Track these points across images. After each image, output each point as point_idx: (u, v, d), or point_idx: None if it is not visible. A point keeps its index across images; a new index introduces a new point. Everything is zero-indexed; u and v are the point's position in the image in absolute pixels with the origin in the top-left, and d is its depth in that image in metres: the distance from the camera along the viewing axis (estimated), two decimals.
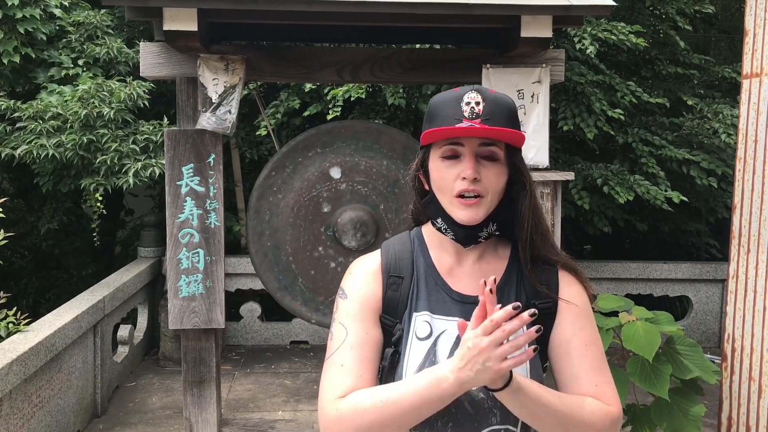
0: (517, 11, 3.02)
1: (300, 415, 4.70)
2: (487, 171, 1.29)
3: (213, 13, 3.05)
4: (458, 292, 1.36)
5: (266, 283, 3.63)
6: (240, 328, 6.30)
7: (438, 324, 1.34)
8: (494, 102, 1.30)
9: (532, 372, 1.30)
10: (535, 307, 1.27)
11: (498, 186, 1.31)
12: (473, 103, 1.29)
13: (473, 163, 1.28)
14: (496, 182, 1.31)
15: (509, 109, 1.32)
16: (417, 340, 1.33)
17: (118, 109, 5.05)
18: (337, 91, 5.53)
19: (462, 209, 1.30)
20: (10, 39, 5.13)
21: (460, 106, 1.29)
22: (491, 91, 1.32)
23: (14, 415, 3.45)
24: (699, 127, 6.09)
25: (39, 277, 6.88)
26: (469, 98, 1.29)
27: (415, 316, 1.36)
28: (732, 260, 3.69)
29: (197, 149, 3.34)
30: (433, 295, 1.37)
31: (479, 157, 1.30)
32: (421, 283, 1.38)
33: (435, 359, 1.31)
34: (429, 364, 1.30)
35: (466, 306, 1.33)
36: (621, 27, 5.47)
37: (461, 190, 1.29)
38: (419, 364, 1.31)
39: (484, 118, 1.28)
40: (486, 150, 1.30)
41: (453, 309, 1.35)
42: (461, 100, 1.29)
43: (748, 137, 3.59)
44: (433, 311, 1.35)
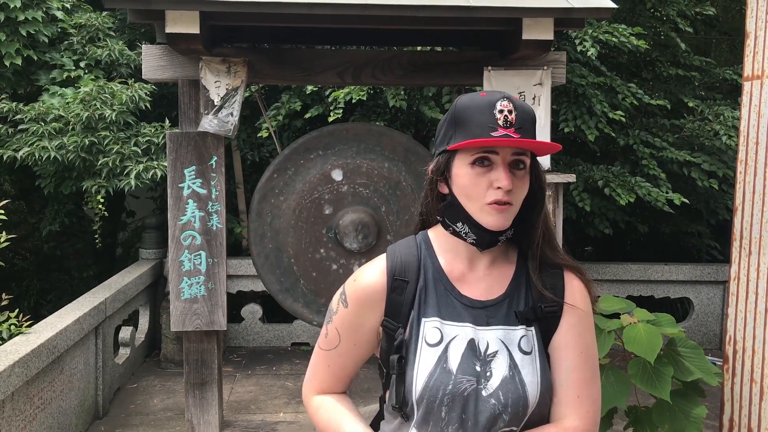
0: (518, 14, 3.02)
1: (301, 417, 4.70)
2: (517, 180, 1.31)
3: (215, 15, 3.06)
4: (468, 297, 1.36)
5: (268, 285, 3.64)
6: (241, 330, 6.30)
7: (449, 330, 1.33)
8: (523, 111, 1.31)
9: (543, 379, 1.32)
10: (541, 311, 1.32)
11: (523, 194, 1.34)
12: (506, 111, 1.29)
13: (508, 173, 1.30)
14: (523, 191, 1.33)
15: (534, 118, 1.34)
16: (427, 346, 1.33)
17: (119, 111, 5.06)
18: (339, 93, 5.53)
19: (494, 215, 1.30)
20: (12, 41, 5.14)
21: (493, 113, 1.29)
22: (517, 98, 1.34)
23: (16, 417, 3.45)
24: (700, 128, 6.09)
25: (40, 278, 6.89)
26: (502, 106, 1.29)
27: (424, 321, 1.35)
28: (733, 262, 3.69)
29: (199, 152, 3.34)
30: (443, 300, 1.36)
31: (510, 165, 1.31)
32: (429, 289, 1.37)
33: (446, 365, 1.31)
34: (440, 370, 1.31)
35: (476, 311, 1.35)
36: (622, 29, 5.47)
37: (496, 200, 1.30)
38: (430, 370, 1.31)
39: (518, 127, 1.29)
40: (517, 159, 1.31)
41: (463, 314, 1.34)
42: (494, 108, 1.29)
43: (749, 139, 3.60)
44: (443, 317, 1.35)
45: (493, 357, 1.31)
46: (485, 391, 1.29)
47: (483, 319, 1.34)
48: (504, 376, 1.29)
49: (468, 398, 1.29)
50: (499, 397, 1.28)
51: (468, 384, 1.29)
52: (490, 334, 1.32)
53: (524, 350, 1.31)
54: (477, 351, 1.31)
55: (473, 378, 1.29)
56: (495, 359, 1.30)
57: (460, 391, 1.29)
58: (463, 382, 1.29)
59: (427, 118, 5.85)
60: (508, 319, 1.34)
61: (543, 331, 1.34)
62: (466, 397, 1.29)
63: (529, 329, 1.33)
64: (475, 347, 1.32)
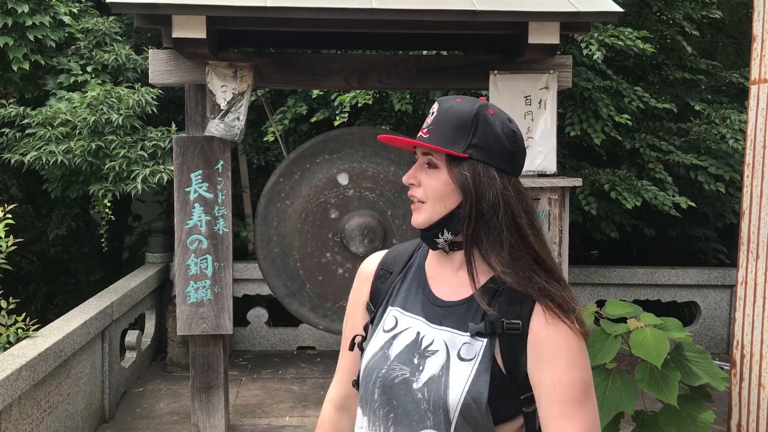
0: (524, 18, 3.02)
1: (307, 421, 4.70)
2: (427, 178, 1.33)
3: (221, 20, 3.07)
4: (434, 295, 1.39)
5: (274, 289, 3.64)
6: (247, 334, 6.30)
7: (404, 320, 1.38)
8: (444, 113, 1.33)
9: (472, 389, 1.27)
10: (502, 326, 1.28)
11: (435, 193, 1.32)
12: (431, 113, 1.36)
13: (413, 170, 1.36)
14: (434, 189, 1.32)
15: (456, 119, 1.32)
16: (382, 331, 1.40)
17: (126, 116, 5.07)
18: (345, 97, 5.54)
19: (413, 213, 1.37)
20: (20, 46, 5.16)
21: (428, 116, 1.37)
22: (457, 101, 1.35)
23: (23, 421, 3.46)
24: (706, 132, 6.08)
25: (47, 282, 6.91)
26: (432, 108, 1.36)
27: (389, 309, 1.42)
28: (740, 266, 3.68)
29: (206, 156, 3.35)
30: (411, 293, 1.41)
31: (425, 165, 1.35)
32: (406, 281, 1.44)
33: (387, 352, 1.36)
34: (381, 354, 1.36)
35: (435, 309, 1.37)
36: (628, 32, 5.47)
37: (408, 194, 1.37)
38: (373, 353, 1.38)
39: (429, 128, 1.34)
40: (426, 159, 1.34)
41: (422, 309, 1.38)
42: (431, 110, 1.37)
43: (756, 143, 3.58)
44: (404, 308, 1.40)
45: (431, 354, 1.32)
46: (416, 383, 1.31)
47: (437, 318, 1.35)
48: (433, 375, 1.29)
49: (398, 386, 1.32)
50: (425, 393, 1.29)
51: (400, 372, 1.32)
52: (438, 334, 1.33)
53: (462, 357, 1.29)
54: (419, 345, 1.34)
55: (406, 368, 1.32)
56: (432, 357, 1.31)
57: (391, 377, 1.33)
58: (396, 370, 1.33)
59: None
60: (458, 324, 1.32)
61: (505, 347, 1.29)
62: (397, 384, 1.32)
63: (479, 339, 1.29)
64: (418, 341, 1.34)
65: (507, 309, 1.30)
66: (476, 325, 1.29)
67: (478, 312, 1.31)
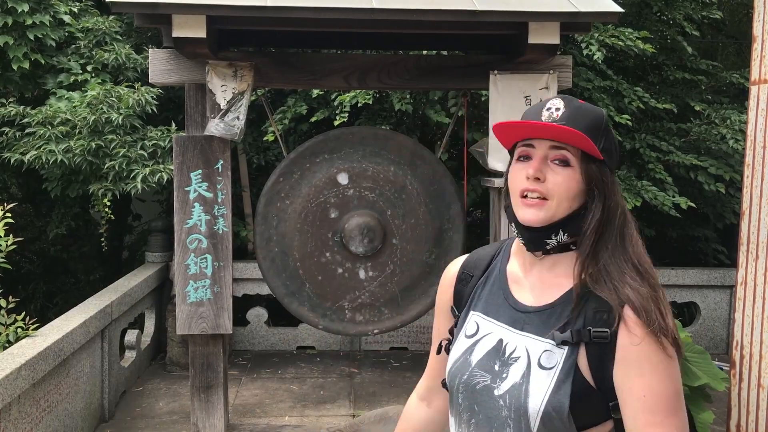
0: (524, 18, 3.02)
1: (307, 421, 4.70)
2: (555, 175, 1.26)
3: (221, 20, 3.07)
4: (516, 300, 1.36)
5: (274, 288, 3.64)
6: (247, 333, 6.30)
7: (485, 325, 1.37)
8: (578, 110, 1.27)
9: (552, 399, 1.24)
10: (589, 335, 1.24)
11: (566, 192, 1.26)
12: (554, 108, 1.27)
13: (538, 163, 1.27)
14: (563, 187, 1.26)
15: (593, 119, 1.28)
16: (464, 337, 1.39)
17: (126, 115, 5.08)
18: (345, 96, 5.54)
19: (524, 209, 1.28)
20: (20, 45, 5.16)
21: (541, 111, 1.28)
22: (581, 102, 1.30)
23: (23, 420, 3.46)
24: (707, 132, 6.08)
25: (47, 281, 6.91)
26: (551, 104, 1.28)
27: (471, 314, 1.41)
28: (740, 267, 3.68)
29: (205, 155, 3.35)
30: (493, 298, 1.39)
31: (551, 161, 1.27)
32: (487, 285, 1.42)
33: (469, 358, 1.35)
34: (463, 360, 1.36)
35: (517, 314, 1.34)
36: (628, 33, 5.47)
37: (523, 189, 1.28)
38: (456, 358, 1.38)
39: (561, 122, 1.24)
40: (557, 154, 1.27)
41: (504, 315, 1.36)
42: (544, 106, 1.29)
43: (756, 143, 3.58)
44: (486, 312, 1.38)
45: (514, 361, 1.29)
46: (497, 390, 1.29)
47: (519, 324, 1.32)
48: (515, 382, 1.27)
49: (480, 392, 1.31)
50: (506, 400, 1.27)
51: (481, 379, 1.31)
52: (520, 340, 1.31)
53: (542, 365, 1.26)
54: (501, 351, 1.32)
55: (488, 375, 1.31)
56: (515, 364, 1.29)
57: (473, 383, 1.32)
58: (477, 376, 1.32)
59: (433, 122, 5.85)
60: (539, 330, 1.29)
61: (593, 355, 1.24)
62: (479, 390, 1.31)
63: (560, 347, 1.25)
64: (501, 347, 1.32)
65: (594, 316, 1.25)
66: (561, 334, 1.25)
67: (560, 318, 1.28)
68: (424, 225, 3.58)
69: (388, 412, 3.68)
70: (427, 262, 3.62)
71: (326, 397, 5.16)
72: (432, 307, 3.75)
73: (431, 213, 3.59)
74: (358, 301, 3.60)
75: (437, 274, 3.66)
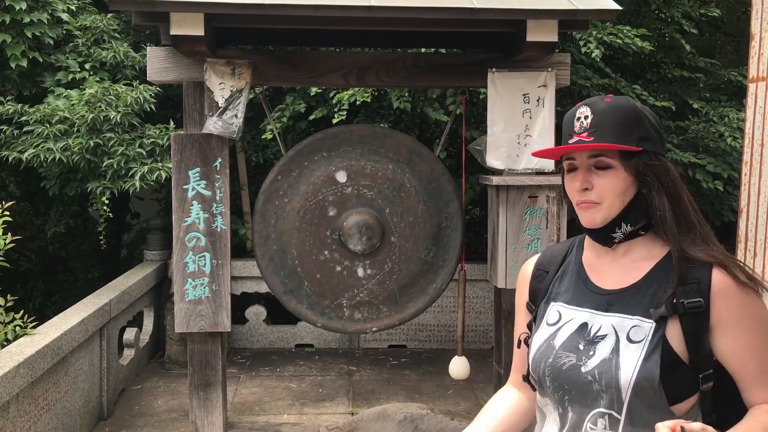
0: (522, 16, 3.02)
1: (305, 419, 4.70)
2: (599, 179, 1.40)
3: (219, 17, 3.07)
4: (596, 285, 1.47)
5: (272, 286, 3.64)
6: (245, 331, 6.31)
7: (567, 313, 1.48)
8: (604, 113, 1.39)
9: (642, 368, 1.33)
10: (683, 306, 1.33)
11: (613, 191, 1.40)
12: (582, 117, 1.41)
13: (583, 175, 1.41)
14: (609, 189, 1.40)
15: (625, 115, 1.39)
16: (546, 325, 1.50)
17: (124, 113, 5.07)
18: (343, 94, 5.54)
19: (582, 214, 1.43)
20: (18, 43, 5.15)
21: (573, 122, 1.43)
22: (606, 101, 1.41)
23: (21, 418, 3.46)
24: (705, 130, 6.08)
25: (45, 280, 6.90)
26: (579, 113, 1.42)
27: (552, 305, 1.52)
28: None
29: (204, 153, 3.35)
30: (573, 287, 1.51)
31: (593, 168, 1.41)
32: (565, 278, 1.53)
33: (553, 342, 1.45)
34: (546, 345, 1.46)
35: (600, 297, 1.44)
36: (626, 30, 5.47)
37: (578, 201, 1.43)
38: (538, 345, 1.48)
39: (591, 131, 1.39)
40: (596, 161, 1.40)
41: (586, 300, 1.46)
42: (574, 116, 1.43)
43: (754, 141, 3.59)
44: (568, 302, 1.49)
45: (601, 339, 1.39)
46: (584, 367, 1.38)
47: (603, 306, 1.43)
48: (604, 358, 1.37)
49: (568, 372, 1.40)
50: (595, 375, 1.37)
51: (567, 360, 1.41)
52: (606, 320, 1.41)
53: (632, 339, 1.36)
54: (586, 332, 1.42)
55: (572, 355, 1.41)
56: (602, 341, 1.39)
57: (559, 365, 1.42)
58: (563, 358, 1.42)
59: (431, 120, 5.85)
60: (626, 308, 1.39)
61: (687, 326, 1.34)
62: (566, 371, 1.41)
63: (647, 321, 1.36)
64: (586, 329, 1.43)
65: (684, 288, 1.35)
66: (657, 309, 1.34)
67: (645, 295, 1.39)
68: (422, 223, 3.58)
69: (386, 409, 3.69)
70: (425, 260, 3.63)
71: (325, 395, 5.17)
72: (430, 305, 3.76)
73: (429, 211, 3.59)
74: (357, 299, 3.61)
75: (435, 271, 3.67)
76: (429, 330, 6.26)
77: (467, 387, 5.25)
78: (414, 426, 3.60)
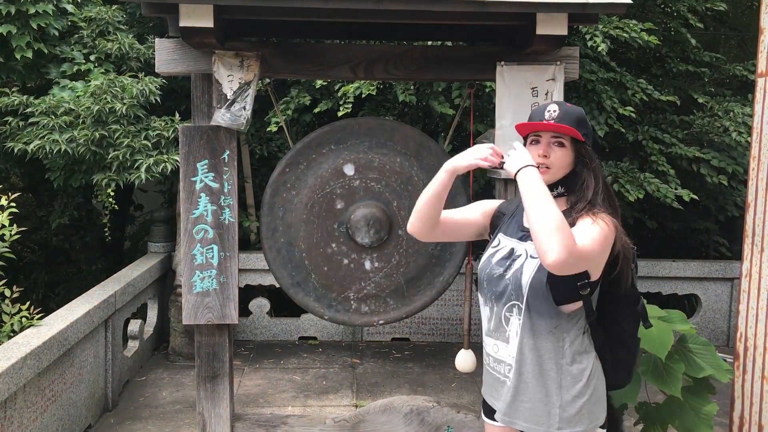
0: (532, 9, 3.00)
1: (310, 411, 4.72)
2: (555, 152, 2.09)
3: (229, 9, 3.05)
4: (523, 225, 2.18)
5: (279, 279, 3.64)
6: (249, 324, 6.32)
7: (504, 240, 2.22)
8: (566, 111, 2.09)
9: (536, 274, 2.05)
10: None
11: (562, 162, 2.09)
12: (552, 110, 2.09)
13: (544, 147, 2.09)
14: (561, 159, 2.09)
15: (577, 116, 2.09)
16: (491, 247, 2.24)
17: (130, 105, 5.06)
18: (348, 87, 5.52)
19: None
20: (23, 34, 5.14)
21: (543, 112, 2.10)
22: (567, 105, 2.11)
23: (28, 409, 3.47)
24: (709, 125, 6.08)
25: (49, 271, 6.91)
26: (550, 108, 2.10)
27: (498, 234, 2.25)
28: (745, 259, 3.69)
29: (212, 145, 3.34)
30: (512, 224, 2.23)
31: (551, 143, 2.09)
32: (513, 220, 2.24)
33: (491, 259, 2.19)
34: (486, 259, 2.22)
35: (521, 232, 2.18)
36: (633, 24, 5.46)
37: (537, 163, 2.05)
38: (484, 260, 2.23)
39: (557, 120, 2.07)
40: (556, 140, 2.09)
41: (516, 233, 2.19)
42: (545, 109, 2.11)
43: (762, 135, 3.59)
44: (506, 233, 2.23)
45: (518, 257, 2.12)
46: (506, 275, 2.12)
47: (525, 237, 2.14)
48: (515, 269, 2.11)
49: (496, 279, 2.14)
50: (510, 279, 2.11)
51: (497, 270, 2.15)
52: (524, 246, 2.13)
53: (533, 256, 2.07)
54: (513, 253, 2.15)
55: (500, 268, 2.14)
56: (518, 259, 2.12)
57: (492, 274, 2.16)
58: (495, 269, 2.16)
59: (437, 113, 5.85)
60: None
61: None
62: (495, 278, 2.15)
63: None
64: (512, 252, 2.15)
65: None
66: None
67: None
68: None
69: (393, 402, 3.69)
70: (432, 253, 3.62)
71: (328, 388, 5.18)
72: (437, 298, 3.76)
73: None
74: (364, 292, 3.60)
75: (442, 265, 3.67)
76: (432, 323, 6.27)
77: (471, 380, 5.26)
78: (420, 419, 3.61)
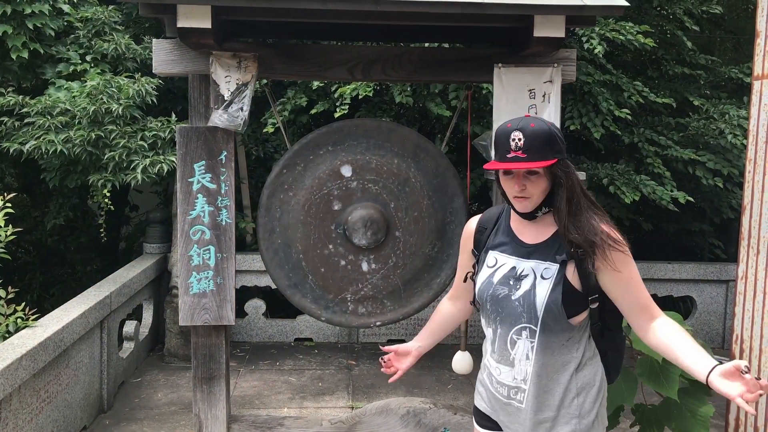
0: (530, 11, 3.01)
1: (306, 412, 4.71)
2: (531, 183, 1.98)
3: (227, 10, 3.05)
4: (521, 240, 2.10)
5: (276, 280, 3.63)
6: (245, 325, 6.31)
7: (501, 258, 2.11)
8: (533, 136, 1.91)
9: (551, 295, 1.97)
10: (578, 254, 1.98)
11: (538, 190, 1.99)
12: (516, 139, 1.92)
13: (518, 181, 1.98)
14: (537, 188, 1.99)
15: (546, 137, 1.93)
16: (487, 267, 2.13)
17: (126, 106, 5.05)
18: (345, 88, 5.52)
19: (518, 204, 2.03)
20: (19, 34, 5.12)
21: (508, 141, 1.93)
22: (531, 126, 1.92)
23: (23, 410, 3.46)
24: (705, 127, 6.10)
25: (43, 272, 6.88)
26: (514, 135, 1.92)
27: (490, 252, 2.14)
28: (741, 261, 3.70)
29: (209, 146, 3.34)
30: (506, 241, 2.12)
31: (525, 174, 1.97)
32: (498, 234, 2.15)
33: (492, 279, 2.09)
34: (487, 281, 2.09)
35: (522, 248, 2.08)
36: (629, 27, 5.47)
37: (514, 196, 2.01)
38: (482, 281, 2.12)
39: (524, 149, 1.91)
40: (528, 172, 1.97)
41: (515, 250, 2.09)
42: (509, 137, 1.93)
43: (758, 138, 3.60)
44: (502, 251, 2.11)
45: (524, 277, 2.03)
46: (513, 296, 2.02)
47: (526, 254, 2.06)
48: (526, 290, 2.01)
49: (502, 300, 2.04)
50: (521, 301, 2.01)
51: (501, 291, 2.05)
52: (527, 264, 2.04)
53: (544, 277, 2.00)
54: (515, 273, 2.05)
55: (505, 288, 2.04)
56: (525, 279, 2.02)
57: (496, 294, 2.06)
58: (498, 290, 2.05)
59: (433, 115, 5.85)
60: (541, 256, 2.03)
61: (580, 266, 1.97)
62: (501, 299, 2.05)
63: (553, 264, 2.00)
64: (515, 271, 2.05)
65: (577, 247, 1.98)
66: (560, 257, 1.99)
67: (553, 247, 2.02)
68: (427, 218, 3.58)
69: (390, 404, 3.69)
70: (429, 254, 3.62)
71: (325, 389, 5.17)
72: (435, 299, 3.76)
73: (434, 206, 3.59)
74: (361, 294, 3.60)
75: (440, 266, 3.66)
76: None
77: (467, 381, 5.26)
78: (417, 420, 3.60)
